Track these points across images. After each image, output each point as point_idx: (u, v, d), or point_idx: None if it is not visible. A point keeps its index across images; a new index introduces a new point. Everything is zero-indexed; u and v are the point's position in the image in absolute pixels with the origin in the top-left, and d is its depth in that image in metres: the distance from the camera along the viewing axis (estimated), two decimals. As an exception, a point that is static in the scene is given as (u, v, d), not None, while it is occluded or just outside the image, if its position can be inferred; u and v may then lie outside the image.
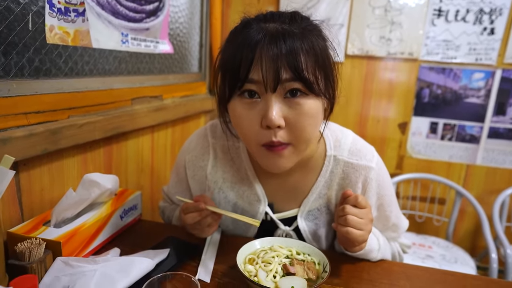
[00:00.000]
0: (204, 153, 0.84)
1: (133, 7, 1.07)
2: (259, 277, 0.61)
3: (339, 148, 0.78)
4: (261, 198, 0.80)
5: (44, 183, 0.81)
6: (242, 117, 0.65)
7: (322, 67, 0.64)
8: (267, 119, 0.61)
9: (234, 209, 0.83)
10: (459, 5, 1.73)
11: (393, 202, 0.82)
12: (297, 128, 0.64)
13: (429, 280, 0.71)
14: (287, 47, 0.59)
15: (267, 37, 0.60)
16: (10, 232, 0.67)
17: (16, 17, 0.74)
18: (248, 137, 0.67)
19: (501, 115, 1.83)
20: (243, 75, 0.62)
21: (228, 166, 0.83)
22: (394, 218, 0.83)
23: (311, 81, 0.62)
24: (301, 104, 0.62)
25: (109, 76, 1.05)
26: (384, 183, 0.79)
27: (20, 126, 0.75)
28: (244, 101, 0.65)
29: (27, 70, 0.79)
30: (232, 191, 0.83)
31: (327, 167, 0.78)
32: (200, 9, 1.64)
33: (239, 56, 0.62)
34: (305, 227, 0.80)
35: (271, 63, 0.60)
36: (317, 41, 0.63)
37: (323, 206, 0.80)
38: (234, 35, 0.67)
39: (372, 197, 0.78)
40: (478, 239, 2.00)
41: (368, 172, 0.76)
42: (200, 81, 1.69)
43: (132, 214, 0.88)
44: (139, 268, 0.63)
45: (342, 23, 1.84)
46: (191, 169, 0.85)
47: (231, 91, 0.65)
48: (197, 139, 0.87)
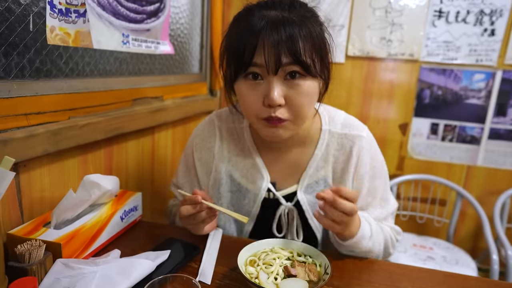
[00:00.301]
0: (210, 136, 0.91)
1: (134, 8, 1.07)
2: (260, 279, 0.61)
3: (333, 123, 0.86)
4: (264, 176, 0.85)
5: (44, 184, 0.81)
6: (246, 96, 0.73)
7: (318, 51, 0.70)
8: (269, 98, 0.68)
9: (238, 188, 0.88)
10: (459, 6, 1.73)
11: (383, 175, 0.86)
12: (295, 106, 0.71)
13: (431, 282, 0.71)
14: (287, 33, 0.66)
15: (268, 24, 0.66)
16: (10, 233, 0.67)
17: (17, 18, 0.74)
18: (251, 113, 0.74)
19: (501, 116, 1.83)
20: (247, 60, 0.68)
21: (233, 145, 0.89)
22: (383, 192, 0.86)
23: (308, 64, 0.68)
24: (300, 85, 0.70)
25: (110, 77, 1.05)
26: (376, 154, 0.85)
27: (20, 127, 0.75)
28: (249, 82, 0.72)
29: (28, 71, 0.79)
30: (237, 170, 0.88)
31: (323, 140, 0.84)
32: (201, 10, 1.64)
33: (243, 42, 0.68)
34: (305, 199, 0.84)
35: (273, 49, 0.66)
36: (314, 27, 0.69)
37: (321, 179, 0.84)
38: (237, 21, 0.74)
39: (365, 166, 0.82)
40: (479, 241, 1.99)
41: (360, 140, 0.83)
42: (200, 82, 1.69)
43: (132, 215, 0.88)
44: (139, 270, 0.62)
45: (342, 24, 1.84)
46: (199, 151, 0.91)
47: (236, 73, 0.72)
48: (204, 124, 0.94)
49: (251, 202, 0.87)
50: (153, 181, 1.31)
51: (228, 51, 0.75)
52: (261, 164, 0.86)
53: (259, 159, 0.87)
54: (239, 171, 0.88)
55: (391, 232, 0.87)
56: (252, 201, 0.86)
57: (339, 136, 0.84)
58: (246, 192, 0.87)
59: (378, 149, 0.87)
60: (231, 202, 0.89)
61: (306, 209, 0.84)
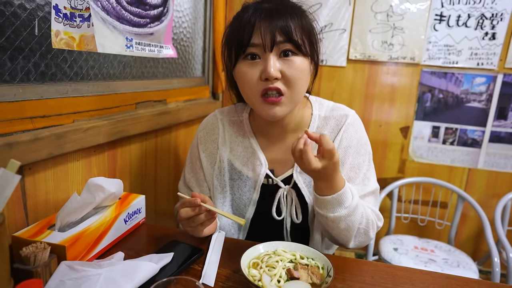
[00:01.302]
0: (214, 128, 0.98)
1: (137, 12, 1.08)
2: (263, 281, 0.61)
3: (322, 108, 0.95)
4: (263, 162, 0.92)
5: (49, 187, 0.82)
6: (246, 73, 0.81)
7: (307, 33, 0.81)
8: (266, 72, 0.77)
9: (239, 176, 0.94)
10: (460, 11, 1.74)
11: (367, 153, 0.92)
12: (290, 79, 0.79)
13: (433, 284, 0.71)
14: (280, 16, 0.77)
15: (263, 12, 0.78)
16: (15, 236, 0.67)
17: (23, 23, 0.75)
18: (250, 89, 0.82)
19: (502, 119, 1.84)
20: (246, 41, 0.78)
21: (234, 137, 0.97)
22: (366, 170, 0.91)
23: (299, 43, 0.78)
24: (293, 61, 0.79)
25: (113, 80, 1.06)
26: (361, 131, 0.93)
27: (25, 130, 0.75)
28: (247, 62, 0.80)
29: (33, 75, 0.79)
30: (238, 159, 0.95)
31: (314, 123, 0.92)
32: (204, 14, 1.65)
33: (242, 28, 0.79)
34: (300, 179, 0.90)
35: (268, 29, 0.76)
36: (305, 17, 0.81)
37: None
38: (236, 17, 0.84)
39: (350, 139, 0.90)
40: (480, 243, 1.99)
41: (345, 118, 0.91)
42: (203, 85, 1.70)
43: (136, 218, 0.89)
44: (143, 272, 0.63)
45: (344, 28, 1.85)
46: (203, 143, 0.98)
47: (236, 56, 0.81)
48: (208, 118, 1.02)
49: (251, 189, 0.93)
50: (156, 184, 1.31)
51: (229, 41, 0.85)
52: (259, 151, 0.93)
53: (257, 146, 0.94)
54: (239, 160, 0.95)
55: (373, 215, 0.87)
56: (252, 188, 0.93)
57: (327, 117, 0.93)
58: (246, 179, 0.93)
59: (364, 129, 0.94)
60: (233, 190, 0.96)
61: (301, 186, 0.90)
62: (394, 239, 1.79)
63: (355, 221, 0.79)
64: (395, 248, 1.69)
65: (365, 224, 0.83)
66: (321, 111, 0.94)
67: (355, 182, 0.90)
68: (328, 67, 1.90)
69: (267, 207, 0.92)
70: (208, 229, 0.81)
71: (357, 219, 0.80)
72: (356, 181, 0.90)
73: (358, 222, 0.80)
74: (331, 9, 1.85)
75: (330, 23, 1.86)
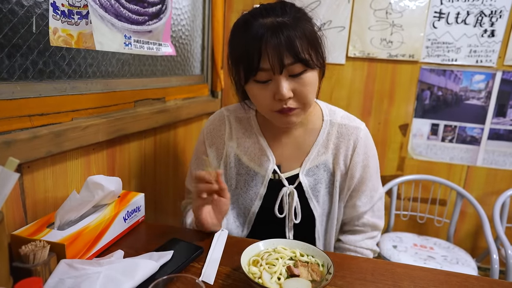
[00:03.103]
0: (221, 124, 0.99)
1: (136, 9, 1.07)
2: (263, 279, 0.61)
3: (333, 115, 0.96)
4: (270, 158, 0.94)
5: (47, 186, 0.81)
6: (258, 95, 0.82)
7: (313, 45, 0.80)
8: (279, 94, 0.78)
9: (247, 171, 0.96)
10: (459, 8, 1.74)
11: (375, 166, 0.96)
12: (302, 96, 0.80)
13: (433, 281, 0.71)
14: (285, 37, 0.74)
15: (268, 32, 0.75)
16: (14, 234, 0.67)
17: (20, 20, 0.74)
18: (264, 108, 0.84)
19: (501, 116, 1.84)
20: (255, 67, 0.77)
21: (241, 133, 0.98)
22: (375, 181, 0.97)
23: (307, 59, 0.77)
24: (303, 78, 0.79)
25: (112, 78, 1.05)
26: (371, 146, 0.95)
27: (24, 128, 0.75)
28: (259, 85, 0.81)
29: (31, 73, 0.79)
30: (245, 155, 0.96)
31: (324, 129, 0.94)
32: (202, 12, 1.65)
33: (250, 51, 0.77)
34: (306, 181, 0.93)
35: (275, 52, 0.75)
36: (305, 25, 0.78)
37: (321, 164, 0.93)
38: (238, 32, 0.82)
39: (360, 155, 0.92)
40: (479, 240, 2.00)
41: (358, 131, 0.93)
42: (202, 83, 1.69)
43: (135, 216, 0.88)
44: (143, 270, 0.63)
45: (343, 25, 1.85)
46: (210, 139, 0.99)
47: (246, 77, 0.81)
48: (214, 116, 1.02)
49: (258, 183, 0.95)
50: (155, 182, 1.31)
51: (235, 59, 0.84)
52: (267, 148, 0.95)
53: (265, 143, 0.95)
54: (247, 156, 0.96)
55: (370, 250, 0.99)
56: (259, 183, 0.95)
57: (339, 126, 0.94)
58: (254, 174, 0.95)
59: (373, 143, 0.97)
60: (240, 184, 0.97)
61: (306, 190, 0.93)
62: (394, 237, 1.79)
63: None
64: (395, 246, 1.69)
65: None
66: (332, 117, 0.95)
67: (364, 193, 0.95)
68: (327, 64, 1.88)
69: (272, 202, 0.94)
70: (212, 221, 0.82)
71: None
72: (364, 191, 0.95)
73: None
74: (330, 6, 1.84)
75: (329, 21, 1.86)
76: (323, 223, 0.97)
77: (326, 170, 0.94)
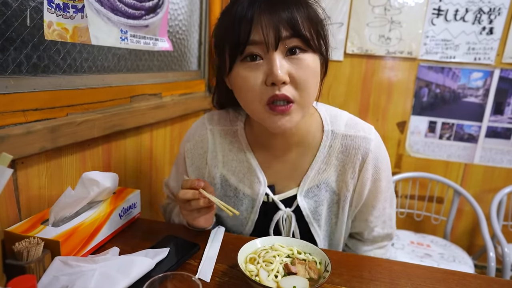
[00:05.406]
0: (202, 140, 0.86)
1: (132, 3, 1.06)
2: (260, 276, 0.61)
3: (335, 123, 0.80)
4: (261, 180, 0.81)
5: (42, 182, 0.80)
6: (246, 78, 0.66)
7: (316, 25, 0.67)
8: (273, 75, 0.63)
9: (235, 194, 0.84)
10: (458, 5, 1.74)
11: (388, 178, 0.81)
12: (300, 83, 0.65)
13: (430, 279, 0.71)
14: (284, 9, 0.63)
15: (262, 4, 0.63)
16: (8, 231, 0.66)
17: (14, 13, 0.73)
18: (252, 98, 0.67)
19: (499, 114, 1.84)
20: (244, 39, 0.63)
21: (227, 149, 0.84)
22: (387, 192, 0.82)
23: (308, 37, 0.65)
24: (302, 59, 0.65)
25: (108, 73, 1.04)
26: (383, 157, 0.79)
27: (17, 123, 0.74)
28: (247, 64, 0.66)
29: (25, 67, 0.78)
30: (233, 175, 0.84)
31: (325, 142, 0.78)
32: (200, 7, 1.63)
33: (237, 24, 0.64)
34: (305, 205, 0.80)
35: (271, 23, 0.62)
36: (309, 5, 0.67)
37: (322, 183, 0.79)
38: (226, 12, 0.69)
39: (369, 170, 0.77)
40: (475, 238, 2.01)
41: (367, 143, 0.77)
42: (199, 79, 1.68)
43: (131, 212, 0.88)
44: (139, 267, 0.62)
45: (341, 21, 1.84)
46: (190, 157, 0.87)
47: (232, 60, 0.67)
48: (195, 128, 0.89)
49: (249, 208, 0.84)
50: (151, 179, 1.30)
51: (220, 41, 0.70)
52: (257, 167, 0.81)
53: (255, 162, 0.82)
54: (235, 176, 0.83)
55: (387, 250, 0.92)
56: (250, 207, 0.83)
57: (343, 137, 0.78)
58: (243, 197, 0.83)
59: (385, 152, 0.81)
60: (226, 219, 0.87)
61: (306, 214, 0.81)
62: (390, 234, 1.80)
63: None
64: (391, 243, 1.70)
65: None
66: (334, 125, 0.79)
67: (376, 208, 0.82)
68: (325, 61, 1.89)
69: (266, 227, 0.84)
70: (203, 219, 0.77)
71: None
72: (377, 206, 0.82)
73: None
74: (328, 2, 1.83)
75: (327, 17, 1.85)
76: (325, 244, 0.86)
77: (329, 190, 0.80)
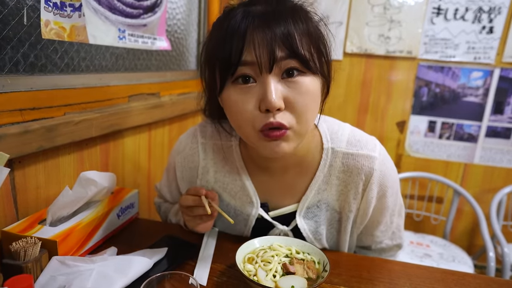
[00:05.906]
0: (193, 154, 0.81)
1: (130, 2, 1.05)
2: (258, 276, 0.60)
3: (336, 140, 0.73)
4: (253, 200, 0.77)
5: (39, 181, 0.80)
6: (237, 102, 0.60)
7: (316, 44, 0.61)
8: (266, 101, 0.57)
9: (227, 210, 0.80)
10: (458, 4, 1.73)
11: (395, 193, 0.76)
12: (298, 109, 0.59)
13: (429, 279, 0.71)
14: (279, 24, 0.56)
15: (256, 19, 0.57)
16: (5, 231, 0.66)
17: (11, 11, 0.72)
18: (245, 124, 0.61)
19: (499, 114, 1.84)
20: (235, 59, 0.58)
21: (220, 166, 0.80)
22: (394, 206, 0.76)
23: (307, 58, 0.58)
24: (300, 83, 0.59)
25: (105, 72, 1.03)
26: (389, 175, 0.73)
27: (15, 123, 0.73)
28: (239, 87, 0.60)
29: (22, 66, 0.77)
30: (225, 191, 0.80)
31: (325, 161, 0.73)
32: (198, 6, 1.63)
33: (228, 41, 0.58)
34: (305, 225, 0.75)
35: (264, 42, 0.56)
36: (308, 18, 0.61)
37: (323, 203, 0.75)
38: (218, 25, 0.64)
39: (374, 190, 0.71)
40: (475, 238, 2.00)
41: (371, 162, 0.70)
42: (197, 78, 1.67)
43: (129, 212, 0.87)
44: (137, 267, 0.62)
45: (341, 21, 1.84)
46: (180, 170, 0.84)
47: (223, 80, 0.61)
48: (186, 139, 0.84)
49: (242, 225, 0.81)
50: (149, 178, 1.30)
51: (211, 58, 0.65)
52: (251, 188, 0.77)
53: (249, 182, 0.77)
54: (227, 192, 0.80)
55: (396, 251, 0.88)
56: (243, 225, 0.80)
57: (344, 155, 0.72)
58: (236, 213, 0.80)
59: (392, 168, 0.75)
60: (219, 223, 0.85)
61: (307, 235, 0.76)
62: (390, 234, 1.79)
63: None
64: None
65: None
66: (334, 143, 0.73)
67: (382, 222, 0.78)
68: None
69: None
70: (203, 225, 0.76)
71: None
72: (383, 221, 0.78)
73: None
74: (327, 1, 1.83)
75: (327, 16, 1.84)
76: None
77: (329, 209, 0.76)
